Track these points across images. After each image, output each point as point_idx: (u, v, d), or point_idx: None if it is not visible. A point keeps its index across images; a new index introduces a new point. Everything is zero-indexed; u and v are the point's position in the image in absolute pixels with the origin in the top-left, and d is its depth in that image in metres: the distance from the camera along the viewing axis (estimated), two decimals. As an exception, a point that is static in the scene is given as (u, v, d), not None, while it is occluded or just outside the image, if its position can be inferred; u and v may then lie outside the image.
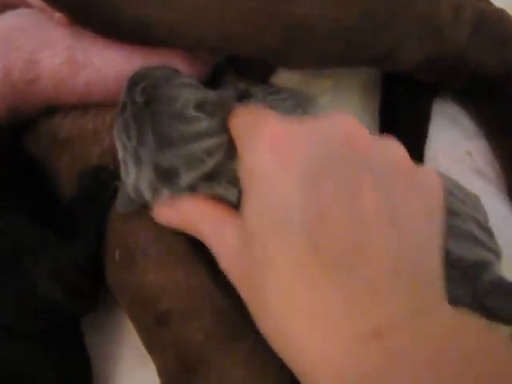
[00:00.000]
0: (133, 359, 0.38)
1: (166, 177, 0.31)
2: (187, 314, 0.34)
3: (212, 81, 0.43)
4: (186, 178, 0.31)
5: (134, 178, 0.33)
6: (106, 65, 0.39)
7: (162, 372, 0.34)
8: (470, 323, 0.22)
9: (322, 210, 0.24)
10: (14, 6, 0.40)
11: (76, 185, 0.39)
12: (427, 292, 0.24)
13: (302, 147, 0.26)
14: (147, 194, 0.32)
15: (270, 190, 0.25)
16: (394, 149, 0.27)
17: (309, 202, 0.24)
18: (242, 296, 0.27)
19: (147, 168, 0.32)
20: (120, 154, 0.35)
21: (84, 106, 0.41)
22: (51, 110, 0.41)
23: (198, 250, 0.36)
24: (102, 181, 0.37)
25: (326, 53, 0.40)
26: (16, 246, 0.33)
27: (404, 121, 0.48)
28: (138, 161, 0.32)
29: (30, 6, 0.40)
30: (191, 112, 0.32)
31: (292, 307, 0.24)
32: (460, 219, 0.34)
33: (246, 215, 0.26)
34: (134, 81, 0.35)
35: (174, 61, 0.40)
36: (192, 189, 0.31)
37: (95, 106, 0.41)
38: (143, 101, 0.34)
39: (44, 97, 0.40)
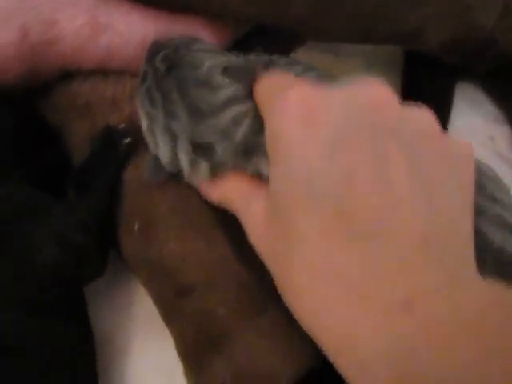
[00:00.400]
0: (146, 332, 0.37)
1: (202, 151, 0.31)
2: (209, 286, 0.33)
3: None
4: (220, 152, 0.30)
5: (170, 151, 0.32)
6: (129, 29, 0.37)
7: (180, 345, 0.33)
8: (508, 297, 0.21)
9: (349, 174, 0.23)
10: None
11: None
12: (459, 266, 0.22)
13: (328, 113, 0.25)
14: (186, 168, 0.31)
15: (295, 156, 0.24)
16: (423, 117, 0.26)
17: (335, 168, 0.23)
18: (270, 271, 0.26)
19: (183, 143, 0.31)
20: (144, 123, 0.34)
21: (103, 72, 0.39)
22: (69, 74, 0.39)
23: (222, 223, 0.35)
24: (113, 140, 0.36)
25: (352, 26, 0.39)
26: (16, 211, 0.32)
27: (425, 104, 0.47)
28: (171, 135, 0.31)
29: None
30: (218, 78, 0.31)
31: (318, 279, 0.22)
32: (499, 206, 0.33)
33: (271, 184, 0.25)
34: (154, 50, 0.35)
35: (198, 29, 0.39)
36: (227, 163, 0.30)
37: (115, 73, 0.39)
38: (165, 67, 0.33)
39: (63, 59, 0.38)
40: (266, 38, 0.43)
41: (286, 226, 0.24)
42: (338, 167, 0.23)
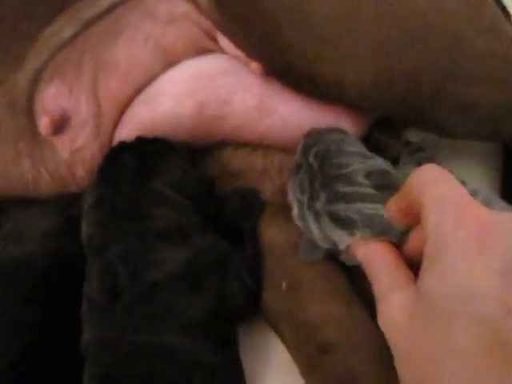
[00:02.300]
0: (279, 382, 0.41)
1: (342, 224, 0.35)
2: (350, 345, 0.37)
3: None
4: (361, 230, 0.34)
5: (320, 231, 0.37)
6: (289, 114, 0.43)
7: (320, 398, 0.38)
8: None
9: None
10: (210, 50, 0.45)
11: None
12: None
13: (501, 240, 0.25)
14: (341, 241, 0.36)
15: (463, 271, 0.25)
16: None
17: (502, 295, 0.24)
18: (397, 359, 0.28)
19: (324, 219, 0.36)
20: (295, 210, 0.39)
21: (253, 145, 0.45)
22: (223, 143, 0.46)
23: (357, 289, 0.40)
24: (249, 200, 0.44)
25: (481, 128, 0.44)
26: (218, 259, 0.39)
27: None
28: (315, 214, 0.37)
29: (223, 52, 0.45)
30: (360, 178, 0.36)
31: None
32: None
33: (427, 281, 0.26)
34: (309, 143, 0.40)
35: (342, 119, 0.45)
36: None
37: (262, 146, 0.46)
38: (317, 165, 0.38)
39: (225, 133, 0.44)
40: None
41: (440, 332, 0.25)
42: (506, 297, 0.24)
